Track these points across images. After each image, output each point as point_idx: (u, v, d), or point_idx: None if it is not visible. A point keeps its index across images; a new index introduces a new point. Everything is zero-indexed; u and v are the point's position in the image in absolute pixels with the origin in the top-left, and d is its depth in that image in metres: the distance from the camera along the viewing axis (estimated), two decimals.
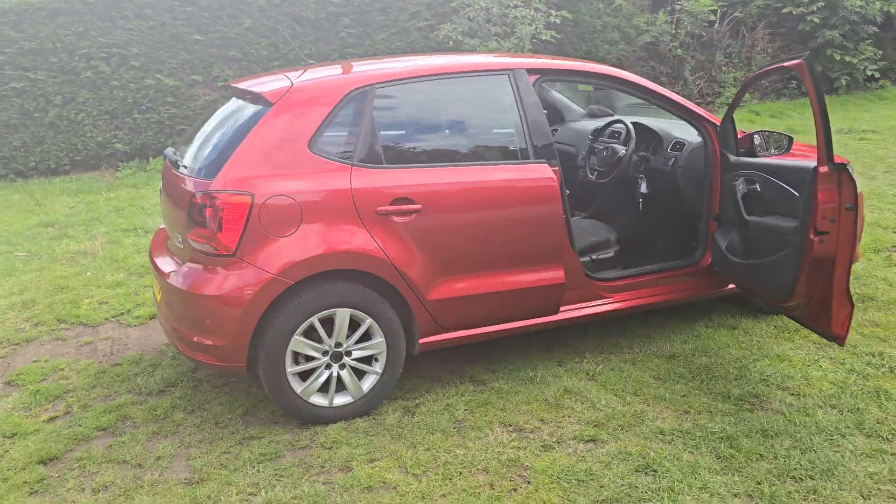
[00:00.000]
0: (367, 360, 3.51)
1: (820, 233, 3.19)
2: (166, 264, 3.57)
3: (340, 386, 3.48)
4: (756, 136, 3.95)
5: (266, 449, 3.26)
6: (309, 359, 3.39)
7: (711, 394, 3.52)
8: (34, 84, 9.29)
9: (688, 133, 4.25)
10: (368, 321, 3.43)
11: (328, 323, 3.38)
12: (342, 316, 3.37)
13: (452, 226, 3.51)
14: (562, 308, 3.85)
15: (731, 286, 4.22)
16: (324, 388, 3.44)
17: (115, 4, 9.49)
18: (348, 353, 3.45)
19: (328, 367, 3.43)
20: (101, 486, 3.05)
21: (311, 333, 3.36)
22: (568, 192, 4.89)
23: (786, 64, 3.39)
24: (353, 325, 3.43)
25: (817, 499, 2.73)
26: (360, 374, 3.52)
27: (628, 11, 12.19)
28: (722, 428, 3.21)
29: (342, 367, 3.45)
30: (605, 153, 4.46)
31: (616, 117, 4.94)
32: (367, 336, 3.47)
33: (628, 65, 12.37)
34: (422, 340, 3.58)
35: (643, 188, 4.33)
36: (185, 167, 3.50)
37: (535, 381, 3.75)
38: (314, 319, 3.33)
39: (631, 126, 4.42)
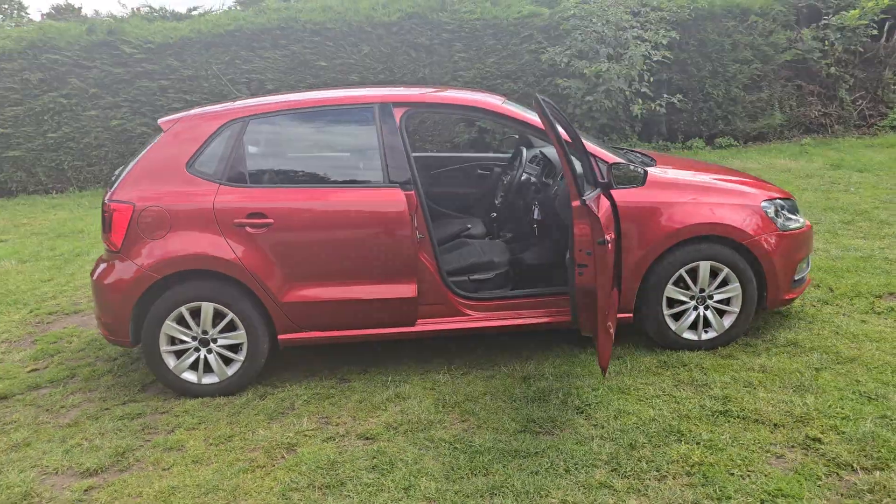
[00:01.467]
0: (234, 348, 4.15)
1: (579, 265, 3.26)
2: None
3: (211, 367, 4.14)
4: (614, 167, 3.98)
5: (135, 410, 4.03)
6: (182, 341, 4.11)
7: (517, 414, 3.67)
8: (190, 105, 11.07)
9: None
10: (230, 315, 4.07)
11: (200, 313, 4.07)
12: (206, 308, 4.05)
13: (303, 239, 4.03)
14: (420, 321, 4.18)
15: (619, 315, 4.24)
16: (196, 367, 4.13)
17: (256, 37, 11.02)
18: (214, 341, 4.11)
19: (197, 350, 4.12)
20: (10, 421, 4.01)
21: (183, 320, 4.07)
22: (495, 214, 5.18)
23: (534, 105, 3.49)
24: (223, 317, 4.09)
25: None
26: (228, 360, 4.16)
27: (765, 28, 11.47)
28: (482, 444, 3.39)
29: (209, 351, 4.12)
30: (505, 179, 4.67)
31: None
32: (232, 327, 4.11)
33: (766, 85, 11.65)
34: (280, 337, 4.14)
35: (536, 214, 4.48)
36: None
37: (384, 385, 4.13)
38: (182, 309, 4.04)
39: (524, 153, 4.59)
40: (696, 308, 4.28)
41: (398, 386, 4.09)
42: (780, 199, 4.44)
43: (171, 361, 4.11)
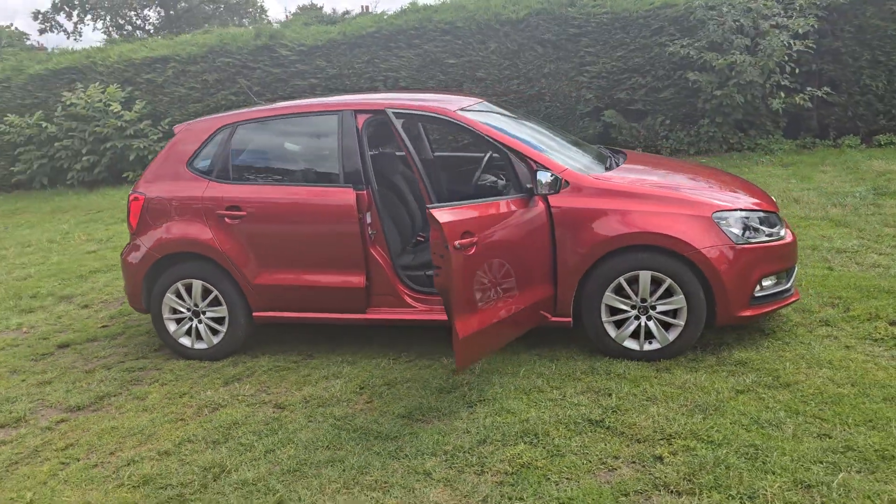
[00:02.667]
0: (219, 321, 4.84)
1: (436, 267, 3.47)
2: None
3: (201, 335, 4.88)
4: (539, 173, 4.07)
5: (139, 365, 4.88)
6: (179, 311, 4.88)
7: (413, 401, 3.94)
8: None
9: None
10: (215, 292, 4.77)
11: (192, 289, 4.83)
12: (196, 285, 4.79)
13: (269, 229, 4.61)
14: (371, 309, 4.58)
15: (556, 318, 4.33)
16: (190, 333, 4.90)
17: (394, 37, 11.81)
18: (203, 313, 4.84)
19: (191, 319, 4.88)
20: (55, 364, 5.05)
21: (179, 293, 4.85)
22: None
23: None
24: (210, 293, 4.80)
25: (316, 477, 3.26)
26: (215, 331, 4.86)
27: None
28: (359, 423, 3.74)
29: (199, 322, 4.86)
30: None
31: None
32: (217, 303, 4.81)
33: None
34: (254, 314, 4.77)
35: None
36: None
37: (335, 363, 4.59)
38: (179, 284, 4.81)
39: (486, 157, 4.74)
40: (637, 318, 4.21)
41: (343, 366, 4.53)
42: (750, 210, 4.20)
43: (171, 327, 4.90)
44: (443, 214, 3.48)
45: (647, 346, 4.23)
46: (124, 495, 3.30)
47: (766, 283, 4.23)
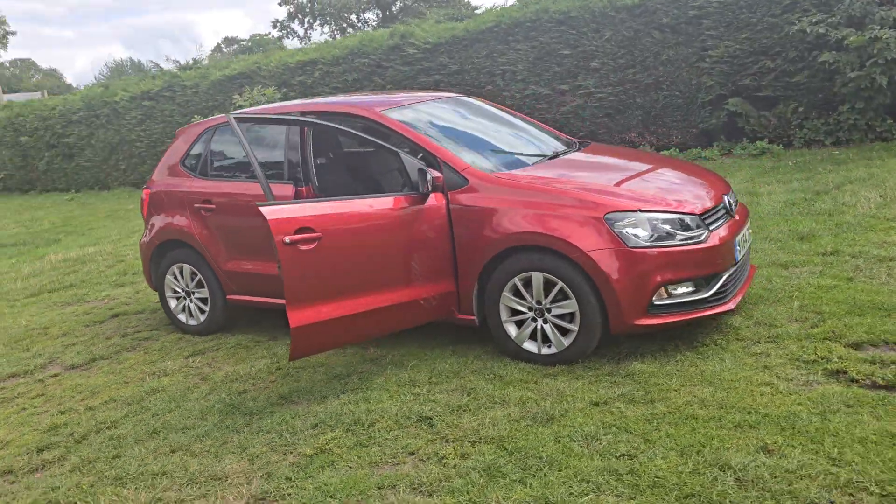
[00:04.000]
0: (205, 301, 5.48)
1: (278, 262, 3.72)
2: None
3: (192, 313, 5.56)
4: (422, 171, 4.14)
5: (146, 336, 5.67)
6: (177, 291, 5.60)
7: (304, 385, 4.23)
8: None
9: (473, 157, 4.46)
10: (199, 275, 5.41)
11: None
12: (186, 269, 5.47)
13: (230, 221, 5.14)
14: None
15: (461, 316, 4.37)
16: (185, 311, 5.60)
17: (511, 31, 11.86)
18: (192, 293, 5.51)
19: (184, 299, 5.57)
20: (93, 329, 6.02)
21: (175, 276, 5.56)
22: None
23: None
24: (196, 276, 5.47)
25: (164, 440, 3.70)
26: (203, 310, 5.51)
27: None
28: (238, 400, 4.12)
29: (190, 301, 5.54)
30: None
31: None
32: (202, 285, 5.45)
33: None
34: (227, 297, 5.33)
35: None
36: None
37: (283, 345, 5.00)
38: (174, 267, 5.53)
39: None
40: (534, 320, 4.12)
41: (284, 349, 4.92)
42: (659, 212, 3.92)
43: (172, 304, 5.64)
44: (270, 211, 3.74)
45: (544, 350, 4.11)
46: (27, 437, 4.01)
47: (678, 290, 3.93)
